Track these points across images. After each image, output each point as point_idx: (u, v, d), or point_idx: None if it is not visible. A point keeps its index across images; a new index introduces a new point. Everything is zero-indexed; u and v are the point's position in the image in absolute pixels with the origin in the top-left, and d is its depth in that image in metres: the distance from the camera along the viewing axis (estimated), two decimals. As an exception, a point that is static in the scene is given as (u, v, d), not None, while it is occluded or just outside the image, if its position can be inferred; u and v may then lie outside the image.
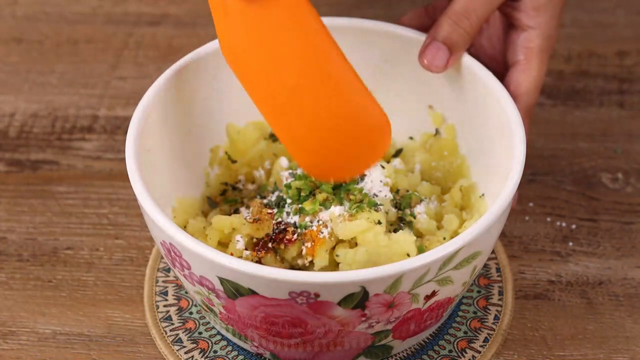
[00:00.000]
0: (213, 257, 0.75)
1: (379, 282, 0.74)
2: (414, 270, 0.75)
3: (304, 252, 0.83)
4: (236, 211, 0.90)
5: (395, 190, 0.88)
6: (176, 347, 0.87)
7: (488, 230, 0.78)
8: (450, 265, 0.77)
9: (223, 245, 0.86)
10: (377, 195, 0.86)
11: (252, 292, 0.76)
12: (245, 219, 0.85)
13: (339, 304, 0.75)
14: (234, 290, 0.76)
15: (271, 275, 0.74)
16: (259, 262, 0.83)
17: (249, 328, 0.80)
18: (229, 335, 0.86)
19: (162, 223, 0.78)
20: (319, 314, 0.76)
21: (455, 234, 0.85)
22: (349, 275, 0.74)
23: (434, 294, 0.79)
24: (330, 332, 0.78)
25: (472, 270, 0.81)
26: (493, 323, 0.89)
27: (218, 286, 0.77)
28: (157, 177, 0.85)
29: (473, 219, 0.86)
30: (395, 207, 0.87)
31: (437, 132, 0.93)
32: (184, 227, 0.88)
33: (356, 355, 0.83)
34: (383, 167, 0.87)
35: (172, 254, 0.78)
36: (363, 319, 0.77)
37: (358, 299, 0.75)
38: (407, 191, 0.89)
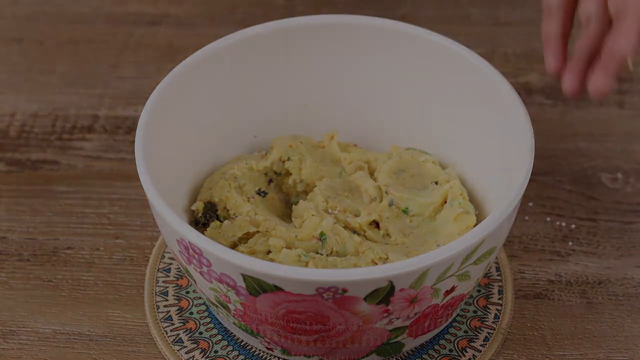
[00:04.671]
0: (240, 262, 0.76)
1: (406, 276, 0.76)
2: (440, 263, 0.76)
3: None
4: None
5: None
6: (177, 347, 0.87)
7: (507, 220, 0.79)
8: (472, 260, 0.78)
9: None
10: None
11: (277, 289, 0.76)
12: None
13: (365, 299, 0.76)
14: (257, 287, 0.77)
15: (301, 276, 0.75)
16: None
17: (265, 324, 0.80)
18: (237, 331, 0.86)
19: (183, 229, 0.78)
20: (343, 309, 0.77)
21: (465, 228, 0.86)
22: (379, 270, 0.75)
23: (453, 289, 0.80)
24: (351, 327, 0.79)
25: (486, 267, 0.82)
26: (493, 322, 0.89)
27: (240, 283, 0.77)
28: (165, 179, 0.85)
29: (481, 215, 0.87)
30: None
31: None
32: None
33: (369, 352, 0.83)
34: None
35: (191, 251, 0.78)
36: (385, 314, 0.78)
37: (384, 293, 0.76)
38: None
